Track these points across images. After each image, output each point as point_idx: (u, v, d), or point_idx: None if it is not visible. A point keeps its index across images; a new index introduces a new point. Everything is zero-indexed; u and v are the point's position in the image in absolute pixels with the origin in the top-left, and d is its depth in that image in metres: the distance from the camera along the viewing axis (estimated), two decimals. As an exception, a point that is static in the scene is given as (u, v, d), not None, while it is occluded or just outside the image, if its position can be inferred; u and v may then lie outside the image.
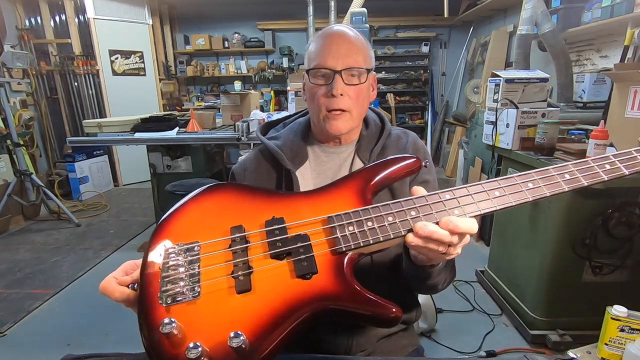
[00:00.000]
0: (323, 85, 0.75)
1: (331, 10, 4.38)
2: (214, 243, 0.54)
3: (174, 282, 0.50)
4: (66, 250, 2.92)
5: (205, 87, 5.77)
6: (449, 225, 0.51)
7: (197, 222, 0.56)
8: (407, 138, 0.84)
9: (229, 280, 0.50)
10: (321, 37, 0.77)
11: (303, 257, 0.52)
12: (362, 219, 0.54)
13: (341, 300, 0.49)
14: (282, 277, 0.51)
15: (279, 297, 0.49)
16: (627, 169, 0.54)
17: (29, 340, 1.90)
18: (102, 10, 4.31)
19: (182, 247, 0.53)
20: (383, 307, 0.50)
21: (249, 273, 0.51)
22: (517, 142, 1.87)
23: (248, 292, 0.49)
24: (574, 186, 0.53)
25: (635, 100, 1.44)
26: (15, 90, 4.33)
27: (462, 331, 1.89)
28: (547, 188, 0.54)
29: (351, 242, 0.53)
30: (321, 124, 0.77)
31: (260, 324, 0.47)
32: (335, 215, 0.55)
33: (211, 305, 0.48)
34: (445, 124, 5.41)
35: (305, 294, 0.49)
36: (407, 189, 0.79)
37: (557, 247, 1.64)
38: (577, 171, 0.54)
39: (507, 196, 0.54)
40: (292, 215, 0.56)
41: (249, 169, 0.84)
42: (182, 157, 2.91)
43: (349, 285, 0.50)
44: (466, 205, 0.54)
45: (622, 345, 1.25)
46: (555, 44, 2.56)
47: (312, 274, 0.50)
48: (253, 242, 0.54)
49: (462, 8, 4.82)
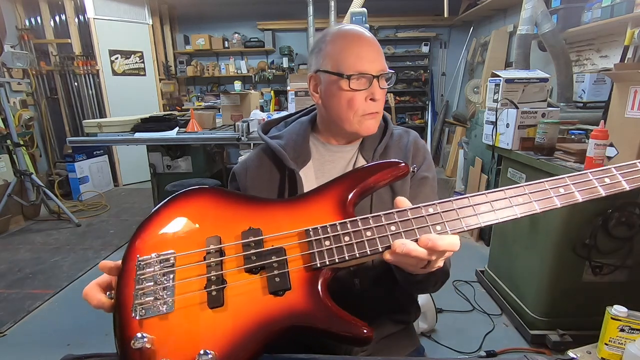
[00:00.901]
0: (361, 90, 0.75)
1: (331, 10, 4.38)
2: (190, 255, 0.52)
3: (148, 294, 0.49)
4: (66, 250, 2.92)
5: (205, 87, 5.77)
6: (427, 244, 0.50)
7: (173, 231, 0.54)
8: (409, 137, 0.85)
9: (202, 294, 0.50)
10: (344, 39, 0.75)
11: (277, 272, 0.50)
12: (340, 233, 0.52)
13: (312, 318, 0.48)
14: (255, 292, 0.50)
15: (251, 313, 0.48)
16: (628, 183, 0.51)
17: (29, 340, 1.90)
18: (102, 10, 4.31)
19: (157, 257, 0.52)
20: (355, 327, 0.48)
21: (222, 288, 0.50)
22: (517, 142, 1.87)
23: (220, 307, 0.49)
24: (567, 202, 0.52)
25: (635, 100, 1.44)
26: (15, 90, 4.33)
27: (462, 331, 1.89)
28: (538, 204, 0.52)
29: (326, 259, 0.51)
30: (354, 127, 0.77)
31: (230, 342, 0.46)
32: (313, 229, 0.53)
33: (183, 320, 0.48)
34: (445, 124, 5.41)
35: (277, 312, 0.48)
36: (407, 187, 0.79)
37: (557, 247, 1.64)
38: (573, 185, 0.53)
39: (494, 212, 0.52)
40: (270, 226, 0.55)
41: (251, 169, 0.84)
42: (182, 157, 2.91)
43: (321, 304, 0.49)
44: (450, 221, 0.52)
45: (622, 345, 1.25)
46: (555, 44, 2.56)
47: (284, 290, 0.49)
48: (228, 254, 0.52)
49: (462, 8, 4.82)
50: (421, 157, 0.83)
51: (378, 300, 0.80)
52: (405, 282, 0.70)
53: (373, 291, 0.78)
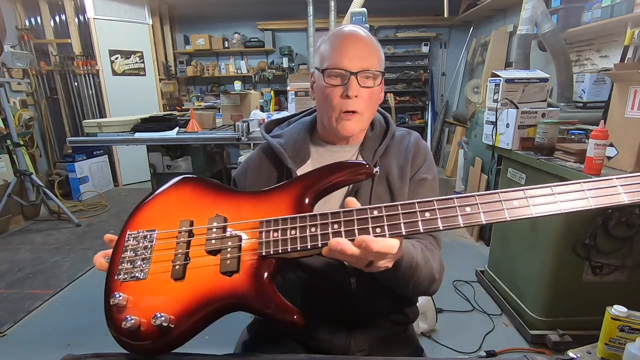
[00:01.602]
0: (338, 86, 0.74)
1: (331, 10, 4.38)
2: (168, 233, 0.61)
3: (130, 262, 0.60)
4: (66, 250, 2.92)
5: (205, 87, 5.77)
6: (361, 245, 0.51)
7: (159, 212, 0.65)
8: (410, 138, 0.84)
9: (169, 267, 0.58)
10: (335, 37, 0.76)
11: (229, 256, 0.57)
12: (288, 227, 0.57)
13: (248, 300, 0.55)
14: (211, 271, 0.57)
15: (203, 288, 0.56)
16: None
17: (29, 340, 1.90)
18: (102, 10, 4.31)
19: (142, 233, 0.62)
20: (286, 312, 0.54)
21: (185, 264, 0.58)
22: (517, 142, 1.87)
23: (181, 280, 0.57)
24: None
25: (635, 100, 1.44)
26: (15, 90, 4.33)
27: (462, 331, 1.89)
28: (485, 216, 0.50)
29: (271, 249, 0.56)
30: (332, 124, 0.77)
31: (182, 309, 0.55)
32: (266, 220, 0.59)
33: (152, 286, 0.58)
34: (445, 124, 5.41)
35: (223, 290, 0.56)
36: (406, 189, 0.79)
37: (557, 247, 1.64)
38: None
39: (437, 219, 0.51)
40: (235, 215, 0.62)
41: (251, 168, 0.84)
42: (182, 157, 2.92)
43: (261, 288, 0.55)
44: (391, 224, 0.52)
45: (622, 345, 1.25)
46: (555, 44, 2.56)
47: (232, 272, 0.56)
48: (196, 236, 0.60)
49: (462, 8, 4.82)
50: (422, 159, 0.82)
51: (375, 301, 0.80)
52: (380, 280, 0.70)
53: (370, 291, 0.78)
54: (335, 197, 0.80)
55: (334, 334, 0.80)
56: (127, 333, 0.55)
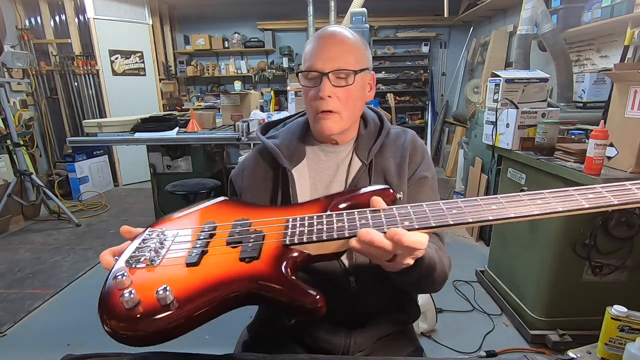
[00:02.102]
0: (312, 87, 0.76)
1: (331, 10, 4.38)
2: (187, 231, 0.61)
3: (143, 251, 0.57)
4: (66, 250, 2.92)
5: (205, 87, 5.77)
6: (394, 237, 0.51)
7: (184, 220, 0.65)
8: (406, 136, 0.84)
9: (184, 256, 0.56)
10: (315, 38, 0.77)
11: (251, 244, 0.56)
12: (315, 221, 0.58)
13: (266, 281, 0.51)
14: (228, 259, 0.55)
15: (218, 273, 0.53)
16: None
17: (29, 340, 1.90)
18: (102, 10, 4.31)
19: (163, 229, 0.62)
20: (304, 295, 0.50)
21: (203, 252, 0.56)
22: (517, 142, 1.87)
23: (195, 265, 0.54)
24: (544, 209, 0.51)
25: (635, 100, 1.44)
26: (15, 90, 4.33)
27: (462, 331, 1.89)
28: (512, 211, 0.51)
29: (296, 237, 0.55)
30: (314, 125, 0.79)
31: (190, 288, 0.51)
32: (292, 218, 0.59)
33: (162, 270, 0.54)
34: (445, 124, 5.41)
35: (240, 274, 0.52)
36: (405, 187, 0.79)
37: (557, 247, 1.64)
38: (551, 198, 0.52)
39: (466, 214, 0.52)
40: (259, 219, 0.62)
41: (247, 169, 0.85)
42: (182, 157, 2.91)
43: (281, 274, 0.52)
44: (420, 217, 0.53)
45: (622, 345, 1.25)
46: (555, 44, 2.56)
47: (252, 258, 0.54)
48: (219, 231, 0.60)
49: (462, 8, 4.82)
50: (419, 157, 0.82)
51: (375, 300, 0.80)
52: (395, 278, 0.69)
53: (370, 290, 0.78)
54: None
55: (334, 334, 0.80)
56: (125, 312, 0.48)
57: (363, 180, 0.79)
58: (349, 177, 0.80)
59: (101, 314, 0.49)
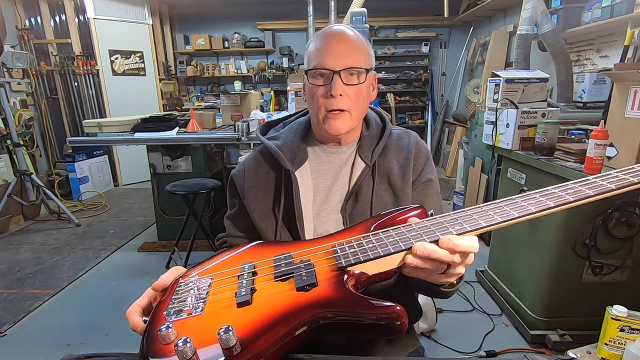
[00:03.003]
0: (322, 86, 0.74)
1: (331, 10, 4.38)
2: (226, 273, 0.57)
3: (182, 301, 0.52)
4: (66, 250, 2.92)
5: (205, 87, 5.77)
6: (448, 244, 0.50)
7: (214, 266, 0.61)
8: (409, 138, 0.84)
9: (231, 297, 0.52)
10: (320, 36, 0.76)
11: (304, 272, 0.53)
12: (363, 241, 0.56)
13: (339, 304, 0.48)
14: (283, 292, 0.51)
15: (277, 307, 0.49)
16: None
17: (29, 340, 1.90)
18: (102, 10, 4.31)
19: (196, 278, 0.57)
20: (387, 308, 0.46)
21: (252, 290, 0.52)
22: (517, 142, 1.87)
23: (247, 305, 0.50)
24: (578, 196, 0.53)
25: (635, 100, 1.44)
26: (15, 90, 4.33)
27: (462, 331, 1.89)
28: (552, 201, 0.53)
29: (351, 257, 0.53)
30: (321, 124, 0.77)
31: (254, 327, 0.46)
32: (339, 242, 0.58)
33: (211, 317, 0.49)
34: (445, 124, 5.41)
35: (303, 302, 0.49)
36: (409, 190, 0.79)
37: (557, 247, 1.64)
38: (580, 185, 0.54)
39: (510, 211, 0.53)
40: (300, 251, 0.60)
41: (248, 170, 0.84)
42: (182, 157, 2.91)
43: (348, 292, 0.49)
44: (465, 221, 0.53)
45: (622, 345, 1.25)
46: (555, 44, 2.56)
47: (311, 286, 0.51)
48: (260, 269, 0.57)
49: (462, 8, 4.82)
50: (423, 159, 0.82)
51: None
52: (425, 289, 0.69)
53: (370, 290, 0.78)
54: (335, 199, 0.79)
55: (335, 333, 0.79)
56: None
57: (366, 182, 0.78)
58: (352, 179, 0.79)
59: None
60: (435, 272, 0.53)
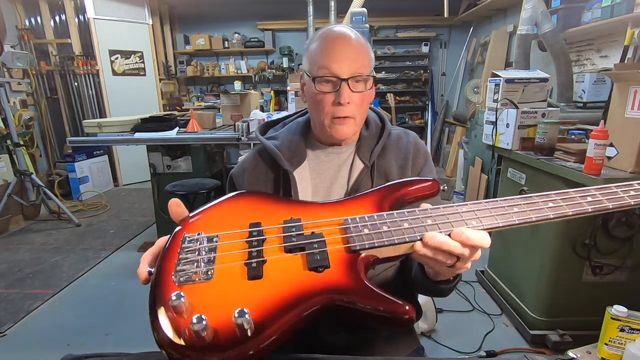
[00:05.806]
0: (329, 93, 0.73)
1: (331, 10, 4.38)
2: (232, 234, 0.55)
3: (189, 263, 0.51)
4: (66, 250, 2.92)
5: (205, 87, 5.77)
6: (460, 237, 0.50)
7: (219, 219, 0.59)
8: (408, 138, 0.84)
9: (242, 267, 0.51)
10: (324, 38, 0.74)
11: (316, 251, 0.52)
12: (377, 222, 0.55)
13: (352, 294, 0.48)
14: (294, 268, 0.51)
15: (290, 286, 0.48)
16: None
17: (29, 340, 1.90)
18: (102, 10, 4.31)
19: (202, 235, 0.55)
20: (396, 305, 0.47)
21: (262, 262, 0.51)
22: (517, 142, 1.87)
23: (259, 279, 0.49)
24: (596, 207, 0.54)
25: (635, 100, 1.44)
26: (15, 90, 4.33)
27: (462, 331, 1.89)
28: (569, 207, 0.54)
29: (365, 242, 0.53)
30: (326, 129, 0.76)
31: (267, 308, 0.46)
32: (351, 218, 0.56)
33: (222, 287, 0.49)
34: (445, 124, 5.41)
35: (316, 286, 0.48)
36: None
37: (557, 247, 1.64)
38: (600, 195, 0.54)
39: (527, 212, 0.54)
40: (310, 218, 0.58)
41: (248, 170, 0.84)
42: (182, 157, 2.91)
43: (361, 282, 0.49)
44: (483, 217, 0.53)
45: (622, 345, 1.25)
46: (555, 44, 2.56)
47: (324, 267, 0.50)
48: (269, 236, 0.55)
49: (462, 8, 4.82)
50: (422, 159, 0.82)
51: None
52: (422, 287, 0.69)
53: None
54: (335, 195, 0.80)
55: (335, 333, 0.80)
56: (195, 339, 0.42)
57: (365, 182, 0.79)
58: (351, 179, 0.80)
59: (159, 334, 0.43)
60: (444, 263, 0.53)
